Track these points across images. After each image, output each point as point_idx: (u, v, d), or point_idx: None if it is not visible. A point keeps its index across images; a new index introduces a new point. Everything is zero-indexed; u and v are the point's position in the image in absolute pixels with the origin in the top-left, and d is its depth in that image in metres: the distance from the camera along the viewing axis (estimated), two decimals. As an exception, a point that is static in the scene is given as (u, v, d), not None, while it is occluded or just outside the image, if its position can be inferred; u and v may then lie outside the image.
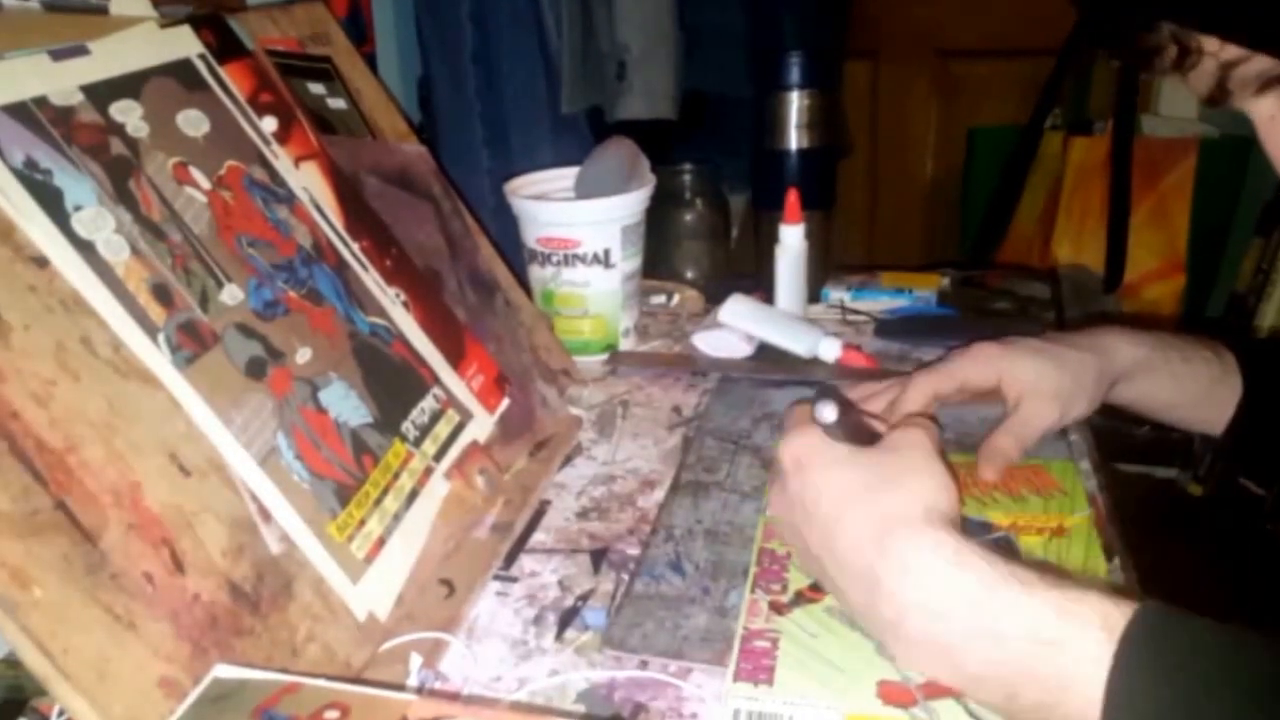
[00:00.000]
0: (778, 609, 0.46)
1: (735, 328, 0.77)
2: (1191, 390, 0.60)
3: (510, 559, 0.53)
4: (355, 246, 0.54)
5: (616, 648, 0.45)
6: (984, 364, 0.58)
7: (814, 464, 0.44)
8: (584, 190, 0.77)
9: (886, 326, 0.81)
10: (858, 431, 0.47)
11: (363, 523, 0.46)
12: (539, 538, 0.55)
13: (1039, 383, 0.56)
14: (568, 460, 0.63)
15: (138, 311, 0.40)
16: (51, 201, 0.39)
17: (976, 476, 0.56)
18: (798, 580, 0.47)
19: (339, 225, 0.54)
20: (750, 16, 1.15)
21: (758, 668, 0.42)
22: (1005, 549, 0.49)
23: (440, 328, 0.58)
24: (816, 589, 0.47)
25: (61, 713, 0.40)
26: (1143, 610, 0.35)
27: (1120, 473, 1.53)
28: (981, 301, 0.88)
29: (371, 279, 0.54)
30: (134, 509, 0.37)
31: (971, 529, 0.50)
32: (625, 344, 0.79)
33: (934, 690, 0.40)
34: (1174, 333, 0.61)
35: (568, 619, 0.48)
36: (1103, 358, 0.57)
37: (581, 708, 0.42)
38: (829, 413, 0.43)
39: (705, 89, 1.15)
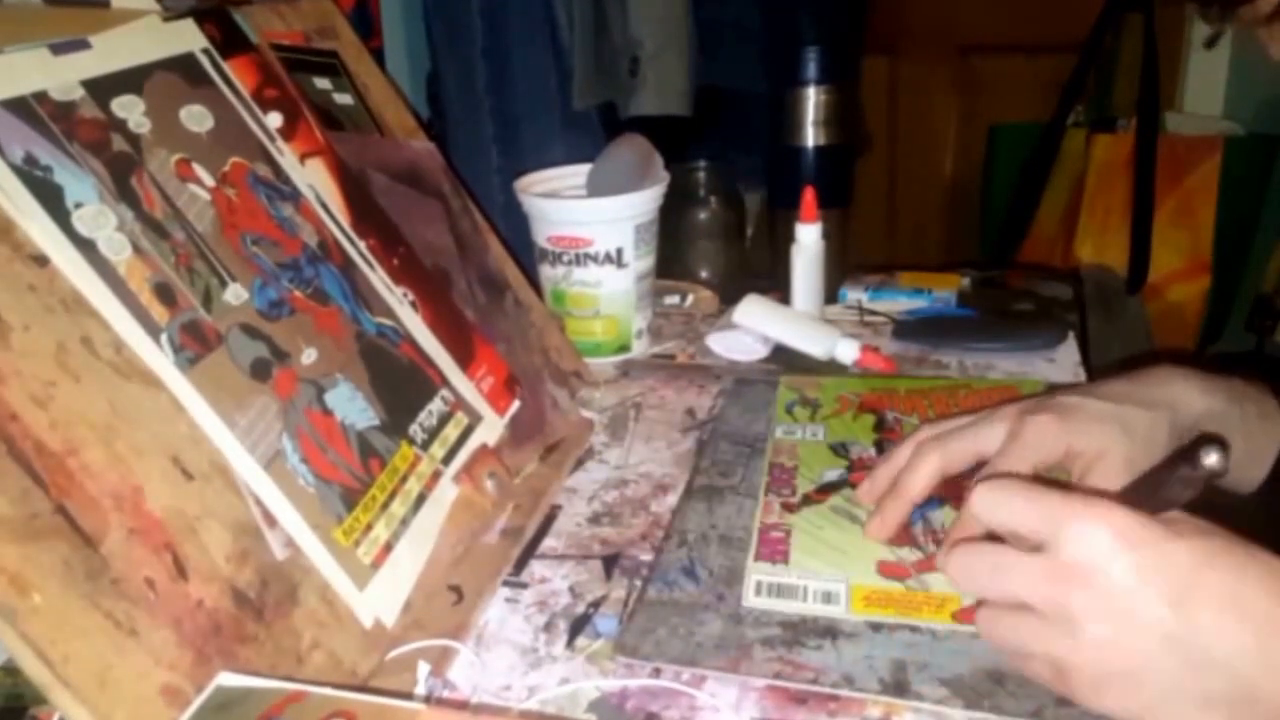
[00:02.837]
0: (788, 508, 0.53)
1: (750, 329, 0.76)
2: (1264, 451, 0.54)
3: (520, 565, 0.52)
4: (362, 245, 0.54)
5: (629, 655, 0.44)
6: (1049, 444, 0.49)
7: (1159, 537, 0.36)
8: (596, 188, 0.77)
9: (905, 327, 0.80)
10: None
11: (369, 527, 0.45)
12: (550, 543, 0.54)
13: (1108, 452, 0.49)
14: (579, 464, 0.62)
15: (140, 311, 0.40)
16: (52, 199, 0.39)
17: (959, 398, 0.65)
18: (804, 486, 0.55)
19: (345, 223, 0.53)
20: (766, 11, 1.14)
21: (774, 551, 0.50)
22: None
23: (449, 328, 0.57)
24: (824, 491, 0.55)
25: (61, 721, 0.40)
26: None
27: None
28: (1002, 302, 0.86)
29: (378, 278, 0.54)
30: (135, 513, 0.36)
31: None
32: (638, 345, 0.78)
33: (925, 565, 0.48)
34: (1241, 377, 0.54)
35: (579, 626, 0.47)
36: (1173, 413, 0.51)
37: (593, 717, 0.41)
38: (1221, 458, 0.35)
39: (720, 85, 1.14)
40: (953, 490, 0.54)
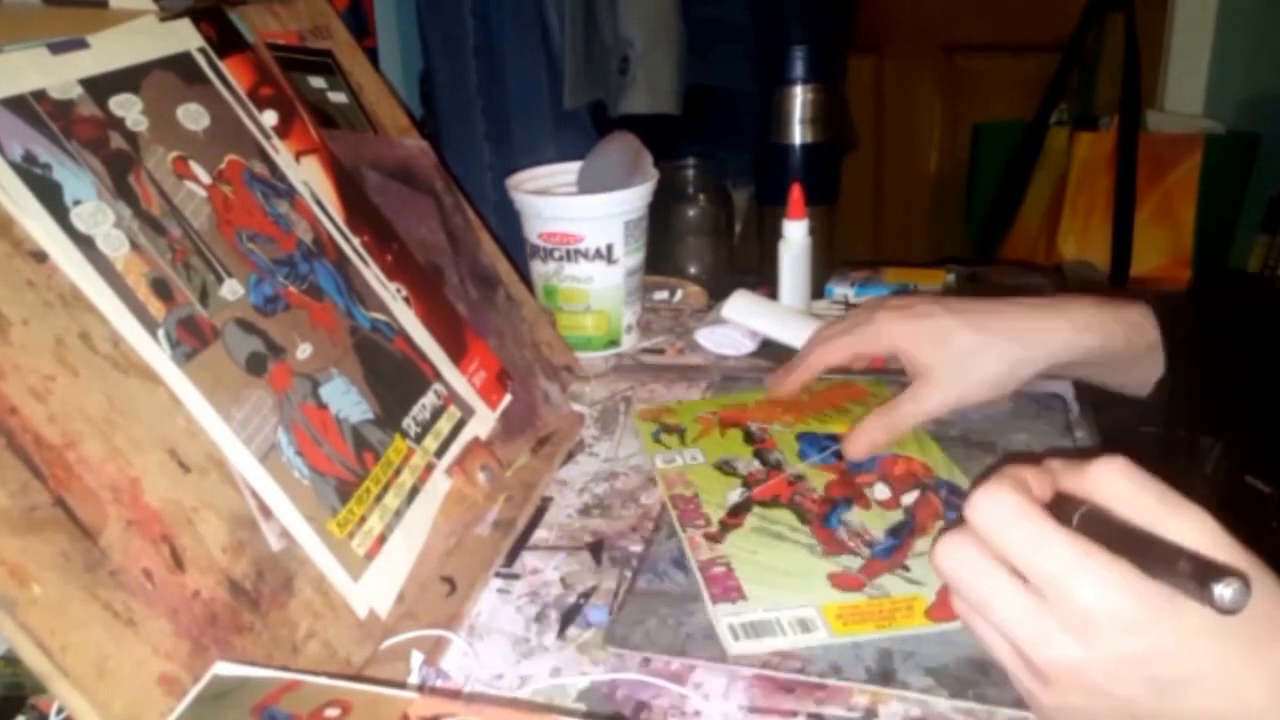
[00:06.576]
0: (712, 538, 0.51)
1: (738, 324, 0.77)
2: (1145, 376, 0.56)
3: (512, 556, 0.53)
4: (356, 241, 0.54)
5: (619, 645, 0.45)
6: (880, 338, 0.54)
7: (1162, 620, 0.32)
8: (587, 185, 0.77)
9: (891, 323, 0.81)
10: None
11: (363, 519, 0.46)
12: (541, 535, 0.55)
13: (937, 366, 0.52)
14: (570, 457, 0.63)
15: (137, 307, 0.40)
16: (50, 196, 0.39)
17: (807, 401, 0.65)
18: (715, 513, 0.53)
19: (340, 220, 0.54)
20: (754, 10, 1.15)
21: (727, 589, 0.47)
22: None
23: (442, 323, 0.57)
24: (735, 514, 0.53)
25: (60, 710, 0.40)
26: None
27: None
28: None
29: (372, 274, 0.54)
30: (133, 505, 0.37)
31: (824, 442, 0.60)
32: (628, 340, 0.78)
33: (871, 570, 0.48)
34: (1120, 297, 0.56)
35: (570, 616, 0.48)
36: (1027, 349, 0.52)
37: (583, 706, 0.42)
38: (1239, 597, 0.30)
39: (709, 83, 1.15)
40: (856, 491, 0.55)
